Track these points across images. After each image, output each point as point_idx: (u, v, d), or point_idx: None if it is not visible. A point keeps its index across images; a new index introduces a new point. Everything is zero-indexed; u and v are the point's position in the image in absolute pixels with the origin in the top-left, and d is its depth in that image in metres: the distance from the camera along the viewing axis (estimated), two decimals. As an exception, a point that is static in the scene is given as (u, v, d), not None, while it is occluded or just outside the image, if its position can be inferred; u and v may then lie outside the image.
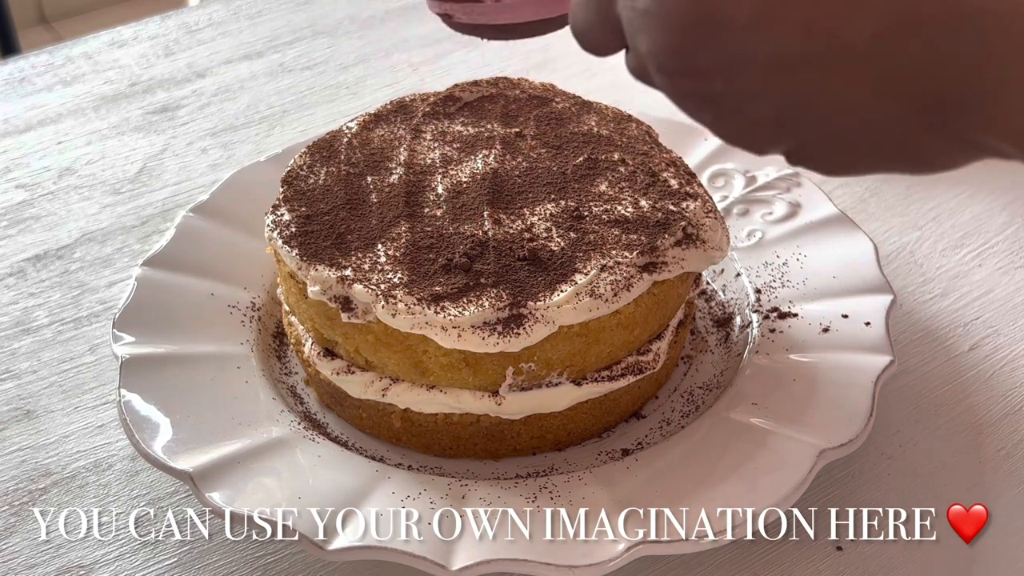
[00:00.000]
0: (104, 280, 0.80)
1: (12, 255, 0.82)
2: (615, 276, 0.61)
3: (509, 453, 0.64)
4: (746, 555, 0.61)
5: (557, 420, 0.63)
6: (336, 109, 0.96)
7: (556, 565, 0.54)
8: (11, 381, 0.72)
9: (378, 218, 0.64)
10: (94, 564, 0.62)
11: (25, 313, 0.77)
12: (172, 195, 0.87)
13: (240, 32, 1.07)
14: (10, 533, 0.63)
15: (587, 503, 0.58)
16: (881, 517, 0.62)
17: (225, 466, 0.59)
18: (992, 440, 0.67)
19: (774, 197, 0.77)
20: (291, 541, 0.56)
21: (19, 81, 1.01)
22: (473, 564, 0.54)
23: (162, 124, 0.95)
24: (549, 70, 0.99)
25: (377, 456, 0.64)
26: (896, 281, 0.76)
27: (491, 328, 0.59)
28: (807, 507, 0.62)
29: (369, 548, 0.55)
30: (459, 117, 0.72)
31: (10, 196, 0.88)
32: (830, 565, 0.60)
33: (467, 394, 0.62)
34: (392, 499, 0.58)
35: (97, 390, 0.72)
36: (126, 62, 1.03)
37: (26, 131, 0.95)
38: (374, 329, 0.61)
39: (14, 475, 0.67)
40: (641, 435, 0.65)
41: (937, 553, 0.61)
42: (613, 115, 0.73)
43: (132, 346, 0.66)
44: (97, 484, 0.66)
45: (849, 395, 0.62)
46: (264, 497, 0.57)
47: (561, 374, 0.62)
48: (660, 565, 0.60)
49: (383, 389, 0.63)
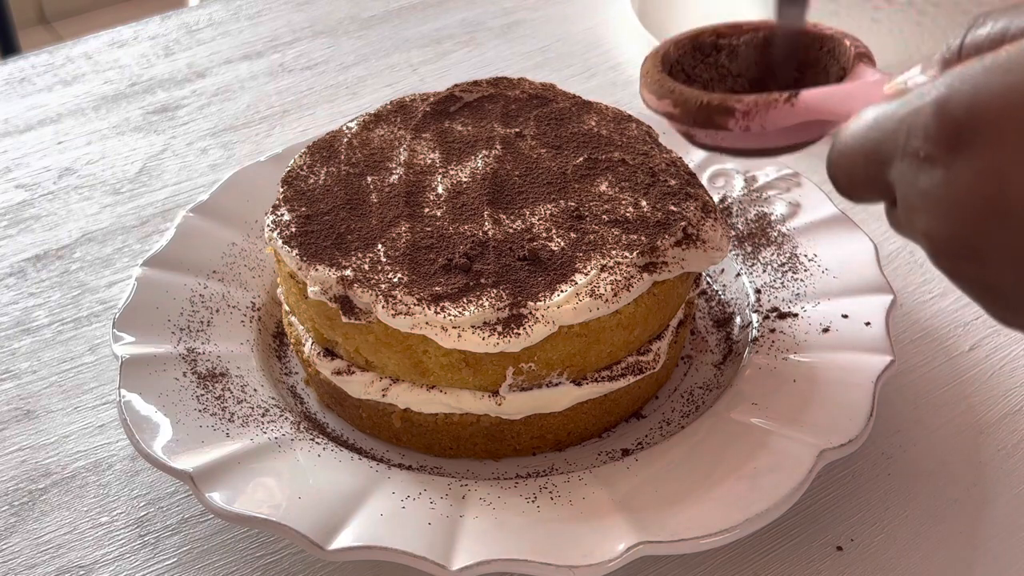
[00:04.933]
0: (104, 280, 0.80)
1: (12, 255, 0.82)
2: (615, 276, 0.61)
3: (509, 453, 0.64)
4: (746, 555, 0.61)
5: (557, 420, 0.63)
6: (336, 109, 0.96)
7: (556, 565, 0.54)
8: (11, 381, 0.72)
9: (378, 218, 0.64)
10: (94, 564, 0.62)
11: (25, 313, 0.77)
12: (172, 195, 0.87)
13: (240, 32, 1.07)
14: (10, 533, 0.63)
15: (587, 503, 0.58)
16: (881, 517, 0.62)
17: (225, 466, 0.59)
18: (992, 440, 0.67)
19: (774, 197, 0.77)
20: (291, 541, 0.56)
21: (19, 81, 1.01)
22: (473, 564, 0.54)
23: (162, 124, 0.95)
24: (549, 70, 0.99)
25: (377, 456, 0.64)
26: (896, 281, 0.76)
27: (491, 328, 0.59)
28: (807, 507, 0.62)
29: (369, 548, 0.55)
30: (459, 117, 0.72)
31: (10, 196, 0.88)
32: (830, 565, 0.60)
33: (467, 394, 0.62)
34: (392, 499, 0.58)
35: (97, 390, 0.72)
36: (126, 62, 1.03)
37: (26, 131, 0.95)
38: (374, 329, 0.61)
39: (14, 475, 0.67)
40: (641, 435, 0.65)
41: (937, 553, 0.61)
42: (613, 115, 0.73)
43: (132, 346, 0.66)
44: (97, 484, 0.66)
45: (849, 395, 0.62)
46: (264, 497, 0.57)
47: (561, 374, 0.62)
48: (660, 565, 0.60)
49: (383, 389, 0.63)
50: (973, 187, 0.37)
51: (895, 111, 0.40)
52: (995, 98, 0.36)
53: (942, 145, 0.37)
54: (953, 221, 0.38)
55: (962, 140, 0.37)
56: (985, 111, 0.36)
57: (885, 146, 0.40)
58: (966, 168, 0.37)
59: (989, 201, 0.37)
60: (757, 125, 0.46)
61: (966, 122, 0.37)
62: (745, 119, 0.46)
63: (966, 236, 0.38)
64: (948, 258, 0.39)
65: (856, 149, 0.42)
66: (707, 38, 0.54)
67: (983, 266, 0.38)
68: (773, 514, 0.57)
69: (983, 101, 0.36)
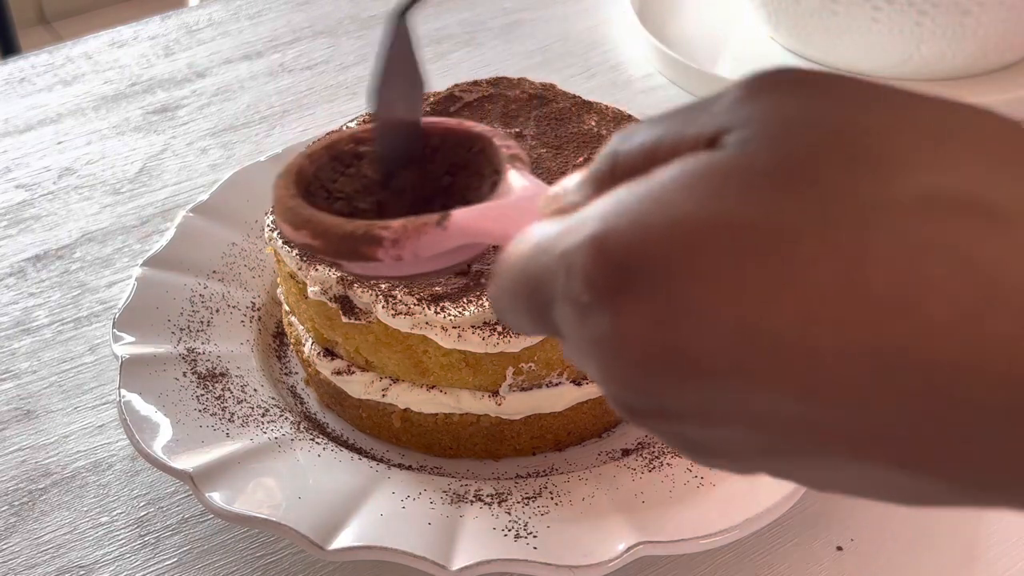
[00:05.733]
0: (104, 280, 0.80)
1: (12, 255, 0.82)
2: (615, 276, 0.61)
3: (509, 453, 0.64)
4: (746, 555, 0.61)
5: (557, 420, 0.63)
6: (336, 109, 0.96)
7: (556, 565, 0.54)
8: (11, 381, 0.72)
9: (378, 218, 0.64)
10: (94, 564, 0.62)
11: (25, 313, 0.77)
12: (172, 195, 0.87)
13: (240, 32, 1.07)
14: (10, 533, 0.63)
15: (587, 503, 0.58)
16: (881, 517, 0.62)
17: (225, 466, 0.59)
18: (992, 440, 0.67)
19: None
20: (291, 541, 0.56)
21: (19, 81, 1.01)
22: (473, 564, 0.54)
23: (162, 124, 0.95)
24: (549, 70, 0.99)
25: (377, 456, 0.64)
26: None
27: (491, 328, 0.59)
28: (807, 507, 0.62)
29: (369, 548, 0.55)
30: (459, 117, 0.72)
31: (10, 196, 0.88)
32: (830, 565, 0.60)
33: (467, 394, 0.62)
34: (392, 499, 0.58)
35: (97, 390, 0.72)
36: (126, 62, 1.03)
37: (26, 131, 0.95)
38: (374, 329, 0.61)
39: (14, 475, 0.67)
40: (641, 435, 0.65)
41: (937, 553, 0.61)
42: (613, 115, 0.73)
43: (132, 346, 0.66)
44: (97, 484, 0.66)
45: (849, 395, 0.62)
46: (264, 497, 0.57)
47: (561, 374, 0.62)
48: (660, 565, 0.60)
49: (383, 389, 0.63)
50: (643, 337, 0.31)
51: (552, 244, 0.34)
52: (661, 233, 0.30)
53: (605, 290, 0.31)
54: (628, 375, 0.32)
55: (628, 285, 0.31)
56: (646, 250, 0.30)
57: (545, 286, 0.34)
58: (633, 316, 0.31)
59: (663, 352, 0.31)
60: (409, 253, 0.40)
61: (630, 263, 0.31)
62: (395, 247, 0.40)
63: (644, 390, 0.32)
64: (625, 410, 0.34)
65: (514, 290, 0.36)
66: (345, 146, 0.46)
67: (665, 420, 0.33)
68: (773, 514, 0.57)
69: (646, 237, 0.30)
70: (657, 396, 0.32)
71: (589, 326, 0.32)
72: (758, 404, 0.30)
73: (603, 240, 0.31)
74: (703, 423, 0.32)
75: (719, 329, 0.30)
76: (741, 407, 0.31)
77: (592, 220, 0.32)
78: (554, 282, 0.34)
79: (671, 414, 0.32)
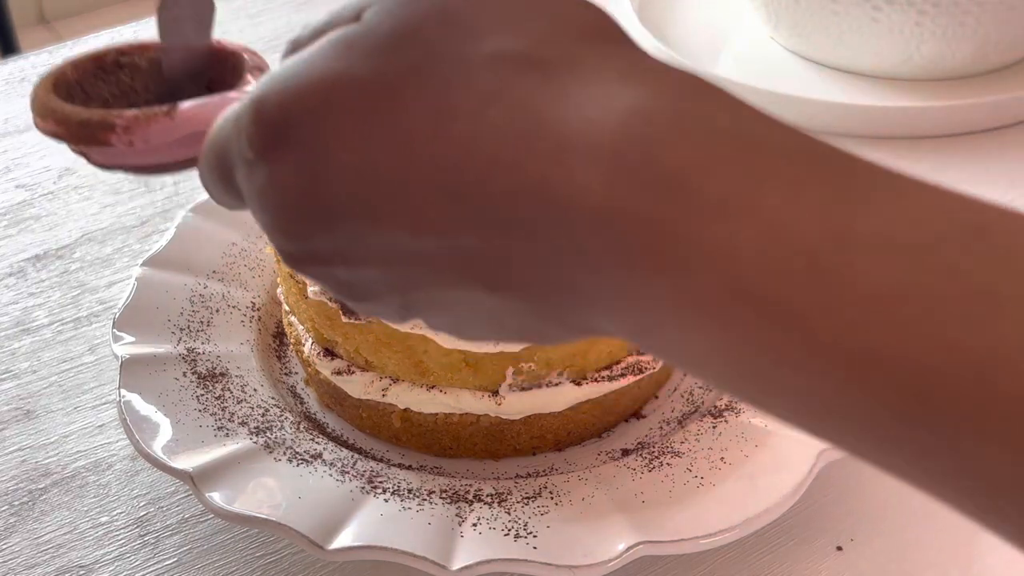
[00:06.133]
0: (104, 280, 0.80)
1: (12, 255, 0.82)
2: (615, 276, 0.61)
3: (509, 453, 0.64)
4: (746, 555, 0.61)
5: (557, 420, 0.63)
6: (336, 109, 0.96)
7: (556, 565, 0.54)
8: (11, 381, 0.73)
9: (378, 218, 0.64)
10: (94, 564, 0.62)
11: (25, 313, 0.77)
12: (172, 195, 0.87)
13: (240, 32, 1.07)
14: (10, 533, 0.63)
15: (587, 503, 0.58)
16: (881, 517, 0.62)
17: (225, 466, 0.59)
18: (992, 440, 0.67)
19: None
20: (291, 541, 0.56)
21: (19, 81, 1.01)
22: (473, 564, 0.54)
23: (162, 124, 0.95)
24: (549, 70, 0.99)
25: (377, 456, 0.64)
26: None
27: (491, 328, 0.59)
28: (807, 507, 0.62)
29: (369, 548, 0.55)
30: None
31: (10, 196, 0.88)
32: (830, 565, 0.60)
33: (467, 394, 0.62)
34: (392, 499, 0.58)
35: (97, 390, 0.72)
36: (126, 62, 1.03)
37: (26, 131, 0.95)
38: (374, 329, 0.61)
39: (14, 475, 0.67)
40: (641, 435, 0.65)
41: (937, 553, 0.61)
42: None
43: (132, 346, 0.66)
44: (97, 484, 0.66)
45: (849, 395, 0.62)
46: (264, 497, 0.57)
47: (561, 374, 0.62)
48: (660, 565, 0.60)
49: (383, 389, 0.63)
50: (291, 186, 0.36)
51: (230, 114, 0.40)
52: (302, 93, 0.36)
53: (261, 146, 0.37)
54: (282, 222, 0.37)
55: (279, 139, 0.36)
56: (294, 107, 0.36)
57: (227, 153, 0.39)
58: (285, 168, 0.36)
59: (307, 198, 0.36)
60: (140, 140, 0.44)
61: (279, 120, 0.36)
62: (127, 134, 0.44)
63: (296, 235, 0.37)
64: (291, 260, 0.39)
65: (208, 161, 0.41)
66: (110, 57, 0.51)
67: (321, 264, 0.38)
68: (773, 514, 0.57)
69: (291, 97, 0.36)
70: (308, 240, 0.37)
71: (254, 180, 0.37)
72: (383, 242, 0.35)
73: (260, 102, 0.37)
74: (347, 264, 0.37)
75: (346, 175, 0.35)
76: (371, 246, 0.36)
77: (256, 87, 0.38)
78: (231, 146, 0.39)
79: (321, 257, 0.37)
